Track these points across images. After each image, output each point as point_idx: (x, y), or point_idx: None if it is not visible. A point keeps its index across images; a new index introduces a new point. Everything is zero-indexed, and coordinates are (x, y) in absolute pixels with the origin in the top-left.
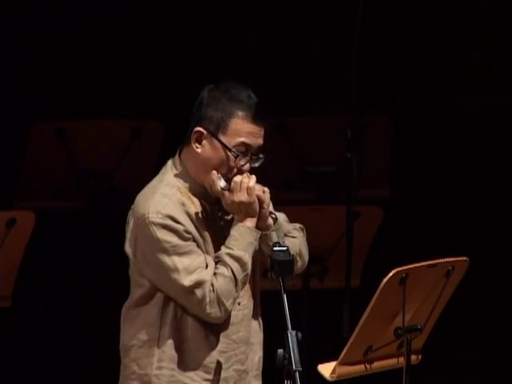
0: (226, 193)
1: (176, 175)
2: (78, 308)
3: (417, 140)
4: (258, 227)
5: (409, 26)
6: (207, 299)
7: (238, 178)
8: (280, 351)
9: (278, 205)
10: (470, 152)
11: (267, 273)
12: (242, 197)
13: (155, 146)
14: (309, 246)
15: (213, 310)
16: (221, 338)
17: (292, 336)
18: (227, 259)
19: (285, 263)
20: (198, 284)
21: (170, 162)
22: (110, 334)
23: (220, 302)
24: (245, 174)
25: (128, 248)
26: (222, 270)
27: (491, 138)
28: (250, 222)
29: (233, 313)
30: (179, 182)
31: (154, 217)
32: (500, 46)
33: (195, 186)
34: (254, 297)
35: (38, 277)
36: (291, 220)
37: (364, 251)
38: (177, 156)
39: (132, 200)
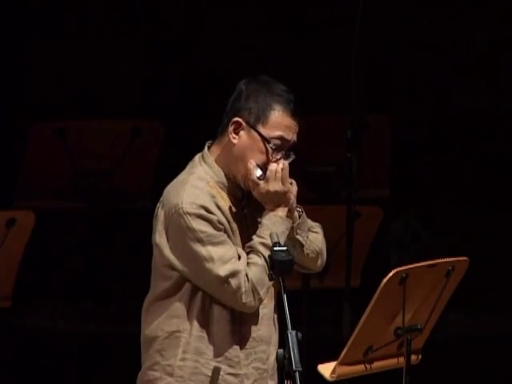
0: (262, 183)
1: (205, 169)
2: (78, 308)
3: (417, 140)
4: None
5: (409, 26)
6: (243, 289)
7: (273, 167)
8: (280, 351)
9: None
10: (470, 152)
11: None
12: (276, 186)
13: (155, 146)
14: None
15: (248, 299)
16: (244, 334)
17: (292, 336)
18: (260, 248)
19: (285, 263)
20: (233, 274)
21: (197, 156)
22: (110, 333)
23: (255, 291)
24: (279, 164)
25: (158, 239)
26: (255, 259)
27: (491, 138)
28: (282, 212)
29: (256, 309)
30: (208, 176)
31: (188, 207)
32: (500, 46)
33: (224, 180)
34: (274, 297)
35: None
36: None
37: (364, 251)
38: (206, 150)
39: (132, 200)
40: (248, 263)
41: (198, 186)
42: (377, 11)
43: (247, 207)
